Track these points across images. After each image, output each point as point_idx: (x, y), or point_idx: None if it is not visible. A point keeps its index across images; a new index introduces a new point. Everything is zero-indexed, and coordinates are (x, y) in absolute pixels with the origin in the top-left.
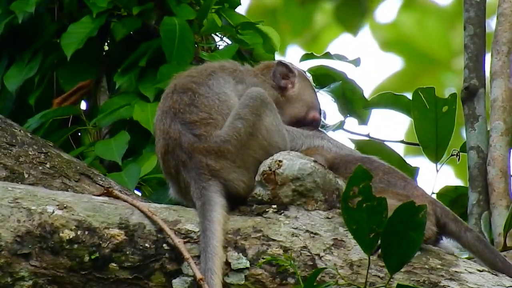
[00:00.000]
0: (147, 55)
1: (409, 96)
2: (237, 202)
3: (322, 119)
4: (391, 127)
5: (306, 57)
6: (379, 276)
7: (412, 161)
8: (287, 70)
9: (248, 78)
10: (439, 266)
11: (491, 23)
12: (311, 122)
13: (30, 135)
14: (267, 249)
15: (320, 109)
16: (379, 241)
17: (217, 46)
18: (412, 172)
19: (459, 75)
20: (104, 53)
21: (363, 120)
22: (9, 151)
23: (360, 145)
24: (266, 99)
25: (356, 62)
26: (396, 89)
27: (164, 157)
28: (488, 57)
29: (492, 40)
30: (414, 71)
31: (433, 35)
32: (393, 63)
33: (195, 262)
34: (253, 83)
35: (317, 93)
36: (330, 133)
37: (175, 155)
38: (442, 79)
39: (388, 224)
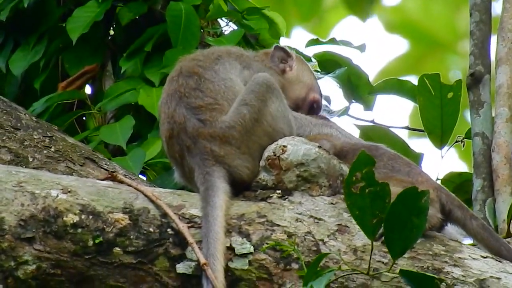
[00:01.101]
0: (153, 40)
1: (414, 80)
2: (241, 188)
3: (327, 104)
4: (396, 112)
5: (312, 42)
6: (382, 262)
7: (416, 147)
8: (284, 54)
9: (254, 64)
10: (442, 252)
11: (497, 9)
12: (311, 103)
13: (35, 119)
14: (271, 234)
15: (320, 91)
16: (383, 227)
17: (223, 31)
18: (417, 158)
19: (464, 58)
20: (109, 37)
21: (368, 106)
22: (14, 135)
23: (365, 131)
24: (272, 85)
25: (362, 48)
26: (401, 72)
27: (169, 141)
28: (493, 44)
29: (498, 26)
30: (419, 53)
31: (438, 17)
32: (398, 46)
33: (199, 247)
34: (259, 69)
35: (323, 79)
36: (335, 119)
37: (179, 139)
38: (447, 62)
39: (391, 210)
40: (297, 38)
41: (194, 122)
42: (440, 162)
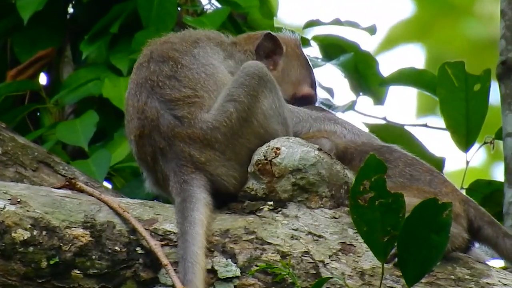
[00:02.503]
0: (120, 19)
1: (420, 50)
2: (226, 199)
3: (329, 98)
4: (412, 108)
5: (311, 24)
6: None
7: (437, 149)
8: (274, 46)
9: (236, 54)
10: (467, 277)
11: None
12: (300, 99)
13: None
14: (262, 254)
15: (313, 82)
16: (395, 246)
17: (205, 9)
18: (438, 163)
19: (481, 22)
20: (68, 16)
21: (379, 100)
22: None
23: (374, 130)
24: (265, 76)
25: (372, 30)
26: (405, 38)
27: (139, 141)
28: None
29: None
30: (428, 17)
31: None
32: (403, 8)
33: (175, 270)
34: (242, 59)
35: (325, 67)
36: (340, 115)
37: (152, 140)
38: (461, 27)
39: (406, 226)
40: (293, 18)
41: (169, 119)
42: (465, 168)
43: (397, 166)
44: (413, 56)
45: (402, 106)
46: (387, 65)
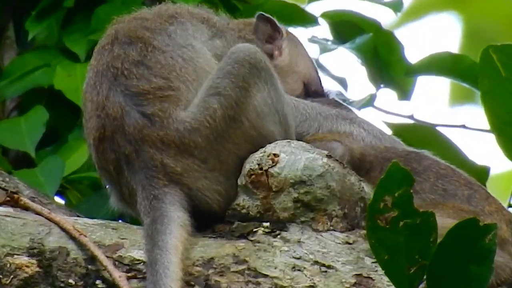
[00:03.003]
0: None
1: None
2: (209, 219)
3: (341, 91)
4: (443, 99)
5: None
6: None
7: (479, 156)
8: (272, 29)
9: (228, 32)
10: None
11: None
12: (314, 92)
13: None
14: None
15: (319, 80)
16: (424, 280)
17: None
18: (480, 173)
19: None
20: None
21: (404, 93)
22: None
23: (399, 131)
24: (259, 63)
25: (397, 5)
26: (435, 7)
27: (99, 146)
28: None
29: None
30: None
31: None
32: None
33: None
34: (234, 41)
35: (337, 51)
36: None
37: (114, 144)
38: None
39: (438, 253)
40: None
41: (136, 117)
42: None
43: (428, 179)
44: (446, 29)
45: (432, 99)
46: (411, 41)
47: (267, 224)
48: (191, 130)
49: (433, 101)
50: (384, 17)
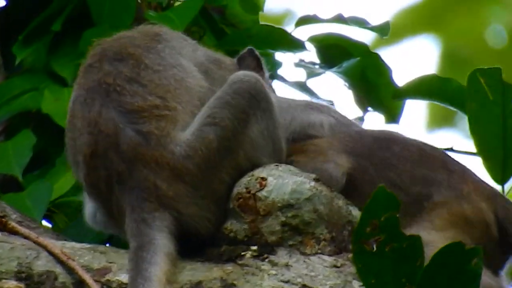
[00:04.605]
0: (64, 14)
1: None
2: (196, 242)
3: None
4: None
5: (305, 21)
6: None
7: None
8: (257, 67)
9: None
10: None
11: None
12: None
13: None
14: None
15: None
16: None
17: (171, 1)
18: None
19: (510, 9)
20: None
21: (392, 116)
22: None
23: None
24: (260, 93)
25: (384, 30)
26: (414, 29)
27: (90, 162)
28: None
29: None
30: (442, 2)
31: None
32: None
33: None
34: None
35: (325, 75)
36: None
37: (107, 160)
38: (483, 15)
39: (425, 278)
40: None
41: (131, 135)
42: None
43: (404, 168)
44: (424, 52)
45: (414, 121)
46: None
47: (255, 247)
48: (185, 156)
49: (414, 121)
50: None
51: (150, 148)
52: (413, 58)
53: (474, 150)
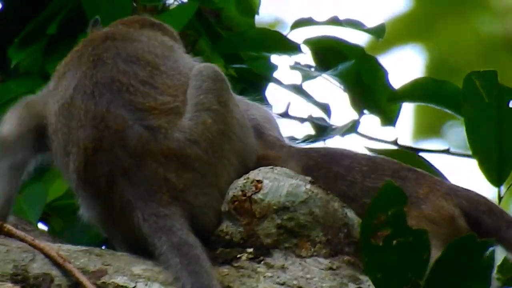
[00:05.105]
0: (59, 17)
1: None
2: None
3: (325, 117)
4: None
5: (301, 23)
6: None
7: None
8: None
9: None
10: None
11: None
12: None
13: None
14: None
15: None
16: None
17: (167, 4)
18: None
19: (499, 17)
20: None
21: (388, 119)
22: None
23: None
24: (226, 79)
25: (380, 32)
26: (402, 38)
27: (92, 157)
28: None
29: None
30: (429, 11)
31: None
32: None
33: None
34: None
35: (320, 78)
36: (336, 138)
37: (112, 156)
38: (471, 23)
39: (435, 271)
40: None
41: (140, 131)
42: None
43: (355, 180)
44: (410, 62)
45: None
46: None
47: (251, 250)
48: (191, 141)
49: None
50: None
51: (158, 142)
52: (403, 67)
53: (470, 152)
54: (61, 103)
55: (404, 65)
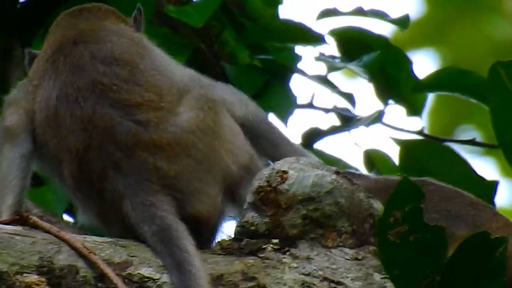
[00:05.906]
0: None
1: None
2: (200, 231)
3: (350, 107)
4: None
5: (326, 14)
6: None
7: (487, 171)
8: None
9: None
10: None
11: None
12: None
13: None
14: None
15: None
16: None
17: None
18: (488, 188)
19: (509, 20)
20: (18, 7)
21: (414, 110)
22: None
23: (409, 147)
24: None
25: (404, 23)
26: (415, 42)
27: (83, 157)
28: None
29: None
30: (442, 16)
31: None
32: (412, 5)
33: None
34: None
35: (345, 69)
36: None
37: (103, 152)
38: (484, 27)
39: (450, 268)
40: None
41: (130, 126)
42: None
43: (431, 200)
44: (424, 66)
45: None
46: None
47: (276, 241)
48: (189, 131)
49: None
50: None
51: (148, 133)
52: (417, 71)
53: (496, 142)
54: (45, 114)
55: (419, 68)
